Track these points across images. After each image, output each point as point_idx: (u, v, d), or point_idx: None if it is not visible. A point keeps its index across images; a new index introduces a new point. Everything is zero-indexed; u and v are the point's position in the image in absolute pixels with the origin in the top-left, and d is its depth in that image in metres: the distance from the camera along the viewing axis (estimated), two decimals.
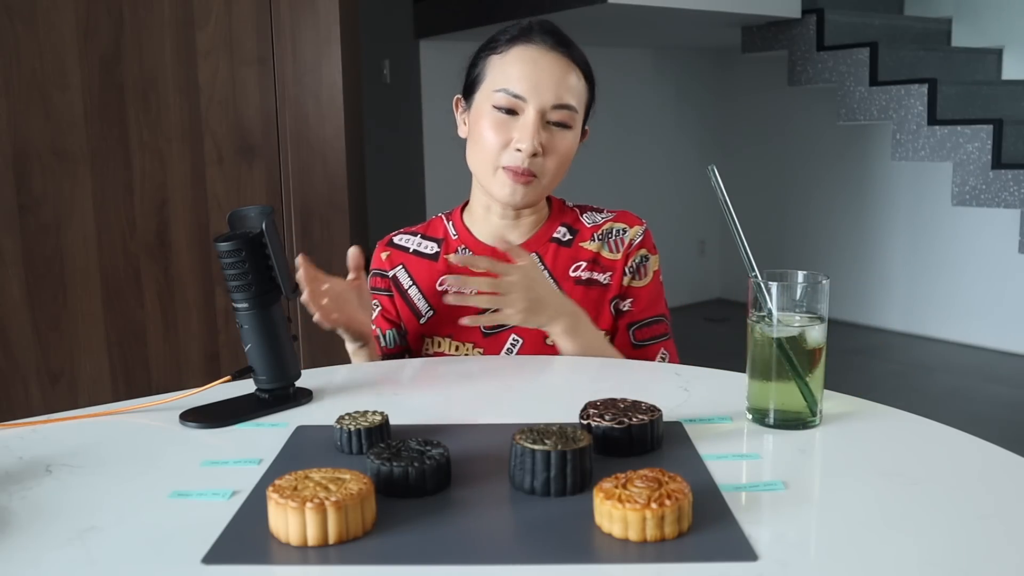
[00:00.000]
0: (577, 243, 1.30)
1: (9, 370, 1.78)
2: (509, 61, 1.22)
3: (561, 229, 1.31)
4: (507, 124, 1.20)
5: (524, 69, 1.20)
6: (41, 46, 1.76)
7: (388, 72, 4.95)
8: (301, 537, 0.65)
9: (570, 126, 1.22)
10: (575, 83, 1.23)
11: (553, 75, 1.20)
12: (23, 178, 1.76)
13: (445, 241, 1.32)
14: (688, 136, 5.65)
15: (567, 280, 1.27)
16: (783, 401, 0.89)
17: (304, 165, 2.06)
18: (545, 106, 1.20)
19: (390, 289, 1.33)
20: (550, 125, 1.21)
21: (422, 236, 1.34)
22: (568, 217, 1.33)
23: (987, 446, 0.83)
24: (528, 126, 1.19)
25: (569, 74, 1.22)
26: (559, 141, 1.21)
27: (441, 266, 1.30)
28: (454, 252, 1.30)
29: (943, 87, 3.97)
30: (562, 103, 1.21)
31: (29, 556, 0.65)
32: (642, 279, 1.30)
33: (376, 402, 1.01)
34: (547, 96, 1.20)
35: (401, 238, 1.35)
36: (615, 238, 1.29)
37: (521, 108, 1.20)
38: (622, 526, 0.65)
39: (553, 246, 1.30)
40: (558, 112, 1.20)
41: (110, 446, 0.88)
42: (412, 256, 1.32)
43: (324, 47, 2.06)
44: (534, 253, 1.28)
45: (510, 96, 1.20)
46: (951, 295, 4.65)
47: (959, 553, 0.63)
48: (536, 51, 1.22)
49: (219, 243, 0.97)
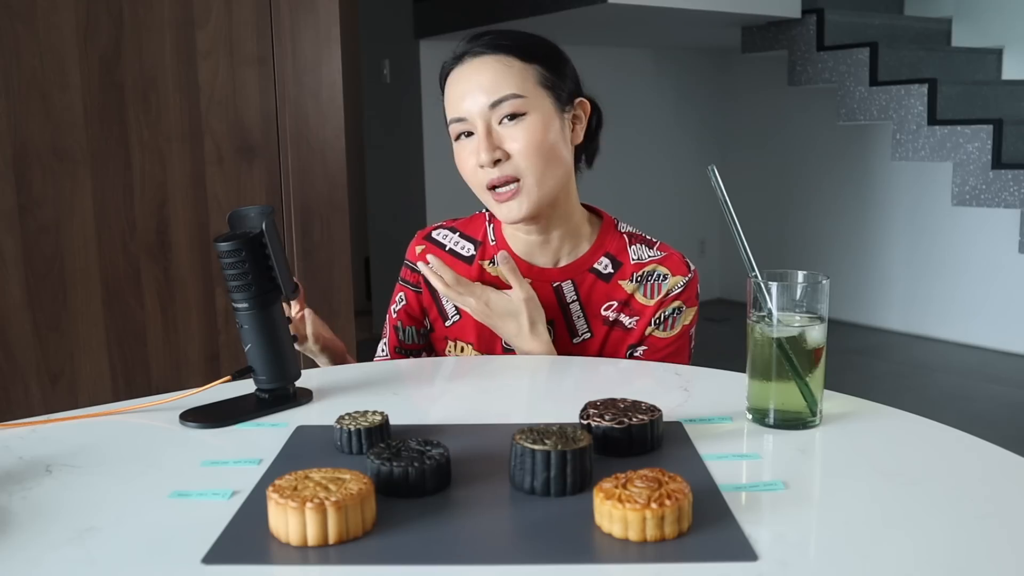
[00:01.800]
0: (616, 279, 1.23)
1: (9, 370, 1.78)
2: (448, 92, 1.20)
3: (604, 260, 1.24)
4: (470, 148, 1.17)
5: (455, 91, 1.18)
6: (41, 46, 1.76)
7: (388, 72, 4.95)
8: (301, 537, 0.65)
9: (523, 113, 1.14)
10: (507, 71, 1.15)
11: (479, 79, 1.15)
12: (23, 178, 1.76)
13: (483, 245, 1.27)
14: (688, 136, 5.65)
15: (596, 317, 1.23)
16: (783, 401, 0.89)
17: (304, 165, 2.06)
18: (483, 111, 1.15)
19: (419, 285, 1.30)
20: (504, 123, 1.15)
21: (461, 234, 1.30)
22: (615, 245, 1.25)
23: (987, 446, 0.83)
24: (478, 140, 1.15)
25: (496, 67, 1.15)
26: (519, 134, 1.14)
27: (475, 271, 1.26)
28: (490, 260, 1.25)
29: (943, 87, 3.97)
30: (497, 98, 1.14)
31: (29, 556, 0.65)
32: (667, 331, 1.23)
33: (376, 402, 1.01)
34: (480, 101, 1.15)
35: (440, 233, 1.31)
36: (653, 282, 1.22)
37: (471, 127, 1.16)
38: (622, 526, 0.65)
39: (591, 277, 1.23)
40: (500, 108, 1.14)
41: (110, 446, 0.88)
42: (447, 255, 1.28)
43: (324, 47, 2.05)
44: (569, 280, 1.23)
45: (457, 122, 1.18)
46: (951, 295, 4.65)
47: (959, 553, 0.63)
48: (463, 67, 1.18)
49: (219, 243, 0.97)
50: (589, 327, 1.23)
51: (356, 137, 5.15)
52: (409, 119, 4.79)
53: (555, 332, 1.22)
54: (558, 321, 1.23)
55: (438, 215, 1.32)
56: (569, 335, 1.23)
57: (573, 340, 1.23)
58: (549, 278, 1.23)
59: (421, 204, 4.78)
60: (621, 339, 1.23)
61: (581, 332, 1.23)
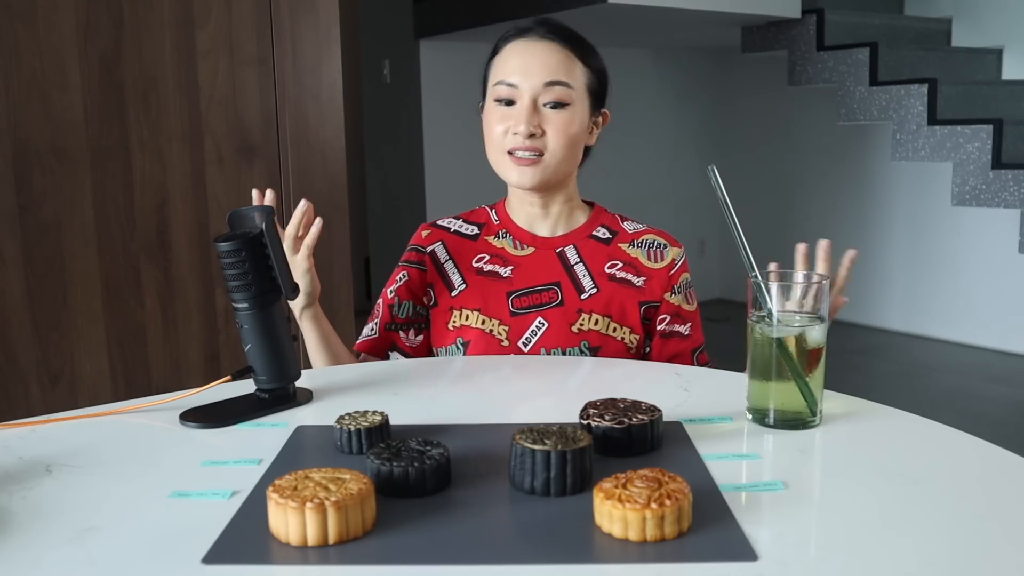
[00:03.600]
0: (616, 243, 1.34)
1: (9, 370, 1.78)
2: (505, 56, 1.29)
3: (601, 229, 1.35)
4: (508, 113, 1.26)
5: (516, 59, 1.27)
6: (41, 46, 1.76)
7: (388, 72, 4.95)
8: (301, 537, 0.65)
9: (567, 103, 1.26)
10: (566, 62, 1.27)
11: (542, 58, 1.26)
12: (23, 178, 1.76)
13: (487, 225, 1.37)
14: (688, 136, 5.65)
15: (601, 275, 1.30)
16: (783, 401, 0.89)
17: (304, 165, 2.06)
18: (536, 87, 1.25)
19: (423, 263, 1.35)
20: (547, 107, 1.25)
21: (465, 220, 1.39)
22: (608, 220, 1.37)
23: (987, 446, 0.83)
24: (523, 110, 1.25)
25: (561, 55, 1.27)
26: (557, 118, 1.25)
27: (481, 245, 1.35)
28: (494, 235, 1.35)
29: (943, 87, 3.96)
30: (552, 80, 1.25)
31: (29, 556, 0.65)
32: (691, 304, 1.35)
33: (376, 402, 1.01)
34: (537, 77, 1.25)
35: (444, 221, 1.40)
36: (655, 249, 1.33)
37: (517, 95, 1.25)
38: (622, 526, 0.65)
39: (592, 242, 1.34)
40: (551, 91, 1.25)
41: (110, 446, 0.88)
42: (452, 235, 1.37)
43: (324, 47, 2.05)
44: (572, 245, 1.32)
45: (505, 86, 1.26)
46: (951, 295, 4.65)
47: (958, 553, 0.63)
48: (528, 42, 1.28)
49: (219, 243, 0.97)
50: (596, 284, 1.30)
51: (356, 137, 5.15)
52: (409, 119, 4.78)
53: (562, 292, 1.29)
54: (564, 282, 1.30)
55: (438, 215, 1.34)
56: (577, 292, 1.29)
57: (581, 296, 1.29)
58: (552, 245, 1.33)
59: (421, 204, 4.77)
60: (632, 296, 1.30)
61: (588, 289, 1.30)
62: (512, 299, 1.29)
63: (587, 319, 1.28)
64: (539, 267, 1.31)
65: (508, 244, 1.34)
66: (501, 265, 1.32)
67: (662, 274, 1.32)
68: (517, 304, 1.29)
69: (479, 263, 1.33)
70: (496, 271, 1.32)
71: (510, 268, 1.32)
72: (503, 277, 1.31)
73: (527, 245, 1.33)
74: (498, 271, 1.32)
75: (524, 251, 1.33)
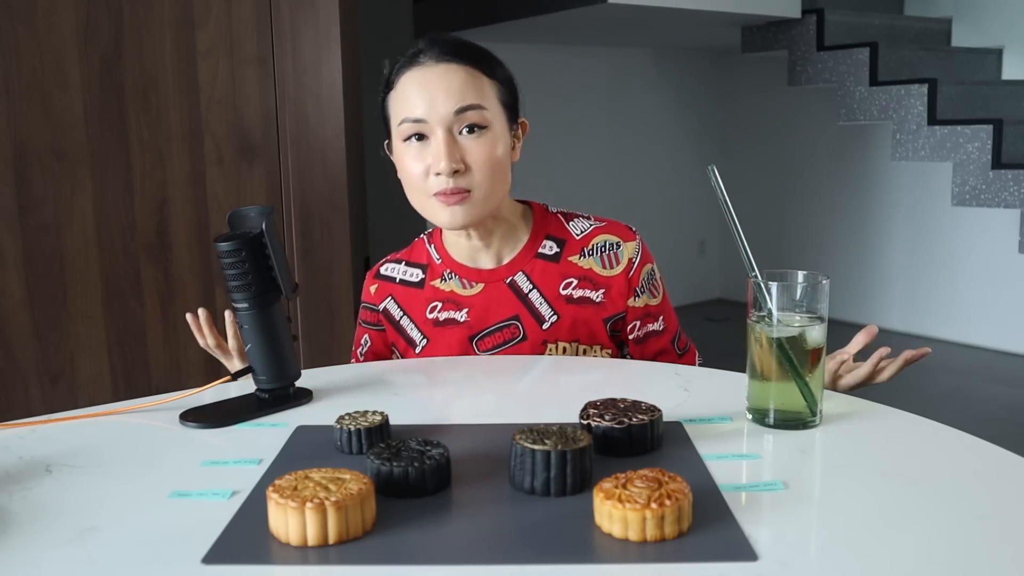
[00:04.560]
0: (566, 257, 1.25)
1: (9, 370, 1.78)
2: (401, 90, 1.18)
3: (547, 243, 1.26)
4: (421, 151, 1.16)
5: (415, 91, 1.16)
6: (41, 46, 1.76)
7: None
8: (301, 537, 0.65)
9: (485, 126, 1.16)
10: (472, 81, 1.16)
11: (446, 84, 1.15)
12: (23, 178, 1.76)
13: (430, 267, 1.29)
14: (688, 136, 5.65)
15: (558, 299, 1.24)
16: (783, 401, 0.89)
17: (304, 165, 2.06)
18: (447, 117, 1.14)
19: (380, 323, 1.31)
20: (463, 135, 1.15)
21: (407, 263, 1.32)
22: (552, 226, 1.27)
23: (987, 446, 0.83)
24: (439, 146, 1.14)
25: (465, 76, 1.16)
26: (479, 147, 1.15)
27: (428, 293, 1.28)
28: (439, 278, 1.27)
29: (943, 87, 3.96)
30: (464, 105, 1.14)
31: (29, 556, 0.65)
32: (657, 295, 1.27)
33: (376, 402, 1.01)
34: (445, 106, 1.14)
35: (387, 267, 1.33)
36: (608, 253, 1.25)
37: (428, 130, 1.15)
38: (622, 526, 0.65)
39: (540, 262, 1.25)
40: (465, 116, 1.14)
41: (110, 446, 0.88)
42: (399, 286, 1.30)
43: (324, 47, 2.05)
44: (520, 272, 1.25)
45: (411, 123, 1.15)
46: (951, 295, 4.65)
47: (958, 553, 0.63)
48: (422, 69, 1.16)
49: (219, 243, 0.97)
50: (554, 310, 1.23)
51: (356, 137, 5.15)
52: None
53: (523, 325, 1.24)
54: (523, 314, 1.24)
55: None
56: (538, 323, 1.23)
57: (543, 327, 1.23)
58: (500, 276, 1.25)
59: None
60: (594, 314, 1.24)
61: (548, 317, 1.23)
62: (476, 343, 1.24)
63: (554, 348, 1.23)
64: (493, 303, 1.24)
65: (456, 285, 1.26)
66: (455, 310, 1.25)
67: (620, 280, 1.24)
68: (481, 346, 1.24)
69: (433, 313, 1.27)
70: (452, 317, 1.25)
71: (465, 311, 1.25)
72: (460, 322, 1.25)
73: (475, 282, 1.25)
74: (454, 317, 1.25)
75: (474, 289, 1.25)
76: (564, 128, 4.93)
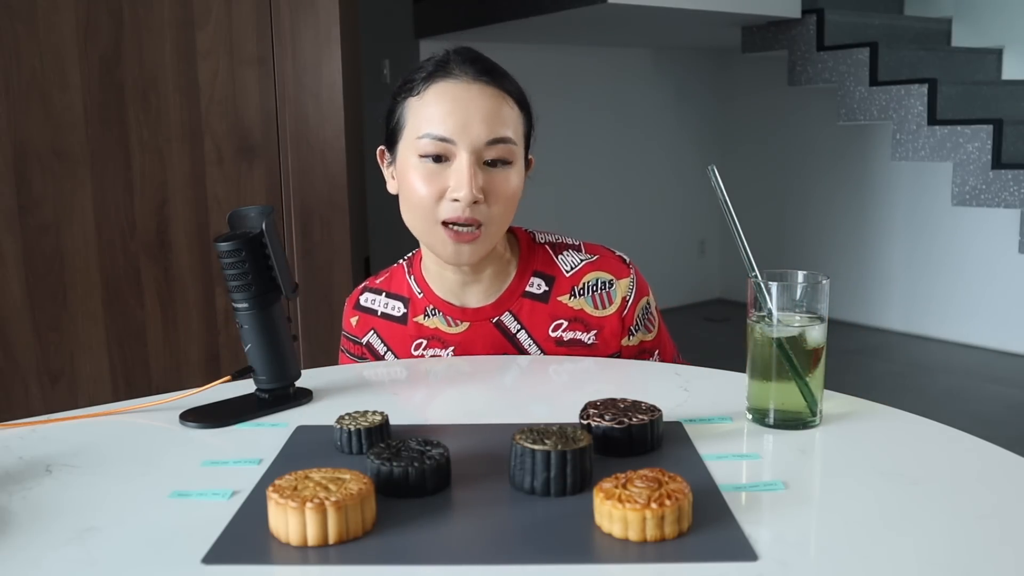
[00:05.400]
0: (555, 297, 1.18)
1: (9, 370, 1.78)
2: (428, 101, 1.08)
3: (535, 281, 1.19)
4: (438, 173, 1.07)
5: (447, 107, 1.06)
6: (41, 46, 1.76)
7: (388, 72, 4.95)
8: (301, 537, 0.65)
9: (511, 161, 1.09)
10: (508, 112, 1.09)
11: (481, 108, 1.06)
12: (23, 178, 1.76)
13: (411, 301, 1.22)
14: (688, 136, 5.65)
15: (547, 341, 1.18)
16: (783, 401, 0.89)
17: (304, 165, 2.06)
18: (478, 144, 1.06)
19: (365, 356, 1.26)
20: (487, 165, 1.08)
21: (387, 295, 1.24)
22: (539, 260, 1.20)
23: (987, 446, 0.83)
24: (463, 171, 1.05)
25: (500, 104, 1.08)
26: (501, 182, 1.08)
27: (411, 329, 1.21)
28: (422, 314, 1.20)
29: (943, 87, 3.97)
30: (497, 137, 1.07)
31: (29, 556, 0.65)
32: (652, 329, 1.23)
33: (376, 402, 1.01)
34: (478, 133, 1.06)
35: (367, 298, 1.25)
36: (600, 292, 1.18)
37: (451, 152, 1.07)
38: (622, 526, 0.65)
39: (527, 302, 1.18)
40: (494, 148, 1.07)
41: (110, 446, 0.88)
42: (381, 320, 1.23)
43: (324, 47, 2.05)
44: (507, 312, 1.18)
45: (436, 140, 1.06)
46: (951, 295, 4.65)
47: (958, 553, 0.63)
48: (457, 85, 1.07)
49: (219, 243, 0.97)
50: (543, 351, 1.19)
51: (356, 137, 5.15)
52: None
53: None
54: (511, 354, 1.19)
55: None
56: None
57: None
58: (485, 315, 1.19)
59: None
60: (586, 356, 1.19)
61: None
62: None
63: None
64: (479, 342, 1.19)
65: (440, 322, 1.19)
66: (441, 347, 1.20)
67: (613, 321, 1.18)
68: None
69: (418, 351, 1.21)
70: (438, 355, 1.20)
71: (451, 349, 1.20)
72: None
73: (459, 320, 1.19)
74: (439, 355, 1.20)
75: (459, 327, 1.19)
76: (564, 129, 4.93)
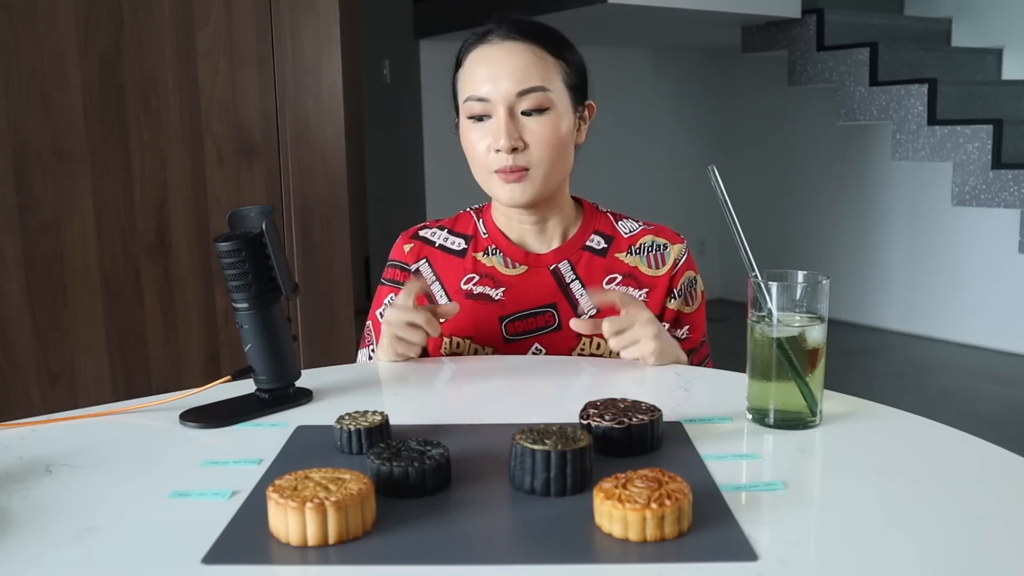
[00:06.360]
0: (612, 253, 1.26)
1: (9, 370, 1.78)
2: (469, 68, 1.20)
3: (595, 237, 1.27)
4: (484, 129, 1.18)
5: (482, 70, 1.18)
6: (41, 46, 1.76)
7: (388, 72, 4.95)
8: (301, 537, 0.65)
9: (547, 108, 1.17)
10: (537, 62, 1.18)
11: (510, 64, 1.17)
12: (23, 178, 1.76)
13: (475, 238, 1.29)
14: (688, 136, 5.65)
15: (599, 294, 1.24)
16: (783, 401, 0.89)
17: (304, 165, 2.06)
18: (509, 96, 1.16)
19: None
20: (525, 115, 1.17)
21: (449, 231, 1.30)
22: (602, 223, 1.29)
23: (987, 446, 0.83)
24: (499, 123, 1.16)
25: (529, 57, 1.17)
26: (539, 127, 1.17)
27: (469, 263, 1.27)
28: (483, 251, 1.27)
29: (943, 87, 3.97)
30: (527, 87, 1.16)
31: (29, 556, 0.65)
32: (692, 304, 1.29)
33: (376, 402, 1.01)
34: (507, 86, 1.16)
35: (427, 231, 1.31)
36: (655, 253, 1.27)
37: (490, 110, 1.17)
38: (622, 526, 0.65)
39: (587, 255, 1.26)
40: (527, 98, 1.16)
41: (110, 446, 0.88)
42: (438, 251, 1.29)
43: (324, 47, 2.05)
44: (565, 260, 1.26)
45: (476, 101, 1.18)
46: (951, 295, 4.65)
47: (959, 553, 0.63)
48: (490, 48, 1.19)
49: (219, 243, 0.97)
50: (594, 304, 1.23)
51: (356, 137, 5.15)
52: (409, 119, 4.78)
53: (559, 315, 1.24)
54: (561, 303, 1.24)
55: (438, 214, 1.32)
56: (576, 313, 1.24)
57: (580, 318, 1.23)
58: (545, 262, 1.26)
59: (421, 204, 4.77)
60: None
61: (587, 310, 1.24)
62: (506, 324, 1.23)
63: (588, 343, 1.23)
64: (532, 288, 1.24)
65: (498, 262, 1.26)
66: (492, 286, 1.24)
67: (663, 281, 1.26)
68: (511, 330, 1.23)
69: (468, 285, 1.25)
70: (487, 293, 1.24)
71: (501, 290, 1.24)
72: (495, 300, 1.24)
73: (519, 263, 1.25)
74: (489, 293, 1.24)
75: (516, 270, 1.25)
76: None
